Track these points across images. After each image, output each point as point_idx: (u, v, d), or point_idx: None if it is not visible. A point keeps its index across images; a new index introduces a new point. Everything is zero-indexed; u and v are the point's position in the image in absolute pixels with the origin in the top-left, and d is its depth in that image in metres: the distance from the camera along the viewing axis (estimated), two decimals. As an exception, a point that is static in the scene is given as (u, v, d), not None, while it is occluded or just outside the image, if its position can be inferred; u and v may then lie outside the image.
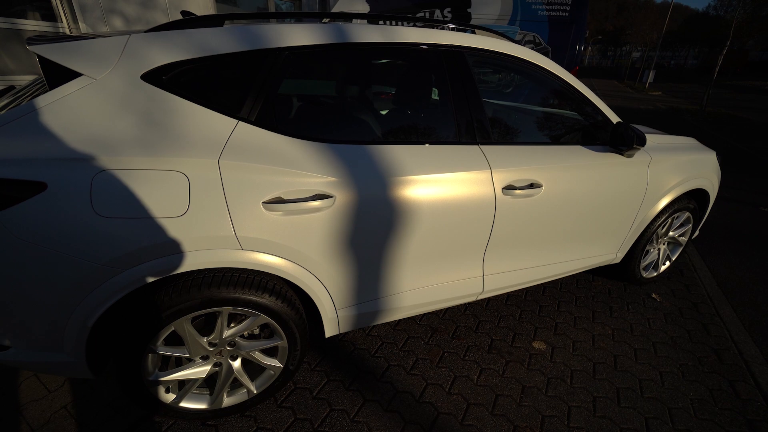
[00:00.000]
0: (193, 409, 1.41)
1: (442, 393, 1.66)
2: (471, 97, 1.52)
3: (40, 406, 1.51)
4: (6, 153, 0.98)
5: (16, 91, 1.35)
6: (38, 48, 1.09)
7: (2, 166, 0.97)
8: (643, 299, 2.40)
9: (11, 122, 1.01)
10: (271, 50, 1.25)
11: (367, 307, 1.52)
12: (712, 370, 1.85)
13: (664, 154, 2.07)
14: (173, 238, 1.09)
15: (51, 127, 1.03)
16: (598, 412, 1.61)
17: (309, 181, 1.23)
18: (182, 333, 1.25)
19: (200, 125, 1.14)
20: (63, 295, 1.06)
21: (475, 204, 1.50)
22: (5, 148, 0.99)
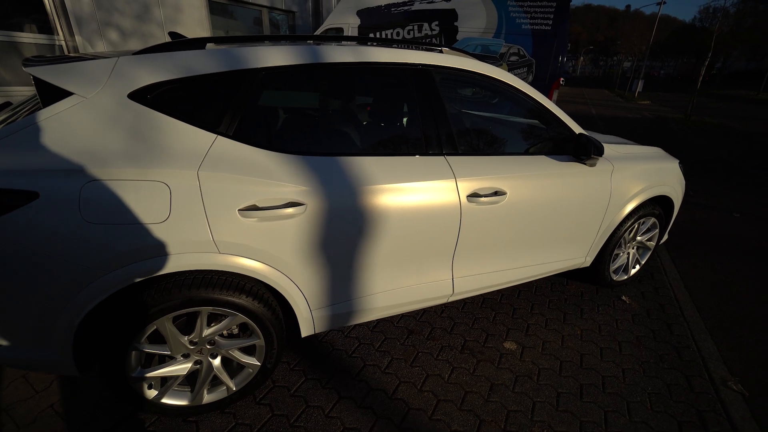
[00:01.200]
0: (174, 405, 1.49)
1: (414, 390, 1.75)
2: (437, 111, 1.64)
3: (27, 405, 1.58)
4: (3, 165, 1.08)
5: (13, 107, 1.45)
6: (33, 69, 1.20)
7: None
8: (613, 301, 2.51)
9: (7, 136, 1.11)
10: (248, 71, 1.36)
11: (341, 308, 1.62)
12: (671, 366, 1.96)
13: (626, 163, 2.20)
14: (155, 242, 1.19)
15: (44, 141, 1.13)
16: (560, 406, 1.70)
17: (282, 190, 1.34)
18: (164, 332, 1.34)
19: (182, 139, 1.25)
20: (52, 295, 1.15)
21: (441, 210, 1.61)
22: (2, 161, 1.09)
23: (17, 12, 5.03)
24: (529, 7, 5.48)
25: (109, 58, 1.26)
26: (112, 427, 1.50)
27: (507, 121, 2.25)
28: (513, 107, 2.14)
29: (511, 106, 2.13)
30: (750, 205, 4.62)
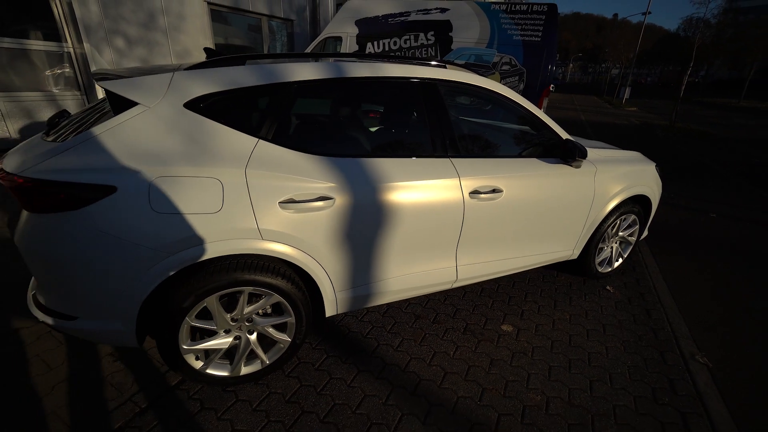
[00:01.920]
0: (216, 375, 1.69)
1: (423, 365, 1.97)
2: (443, 119, 1.89)
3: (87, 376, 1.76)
4: (86, 164, 1.29)
5: (76, 115, 1.66)
6: (105, 83, 1.42)
7: (84, 174, 1.28)
8: (598, 291, 2.77)
9: (88, 140, 1.33)
10: (283, 84, 1.59)
11: (361, 291, 1.84)
12: (648, 344, 2.22)
13: (608, 165, 2.47)
14: (211, 229, 1.40)
15: (118, 144, 1.35)
16: (552, 377, 1.94)
17: (314, 186, 1.57)
18: (212, 309, 1.55)
19: (230, 142, 1.47)
20: (124, 274, 1.36)
21: (447, 205, 1.85)
22: (86, 160, 1.30)
23: (27, 21, 5.19)
24: (519, 20, 5.81)
25: (166, 73, 1.48)
26: (162, 393, 1.70)
27: (503, 128, 2.50)
28: (508, 116, 2.39)
29: (507, 115, 2.39)
30: (726, 207, 4.96)
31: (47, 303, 1.45)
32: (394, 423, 1.64)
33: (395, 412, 1.69)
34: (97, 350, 1.93)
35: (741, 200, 5.31)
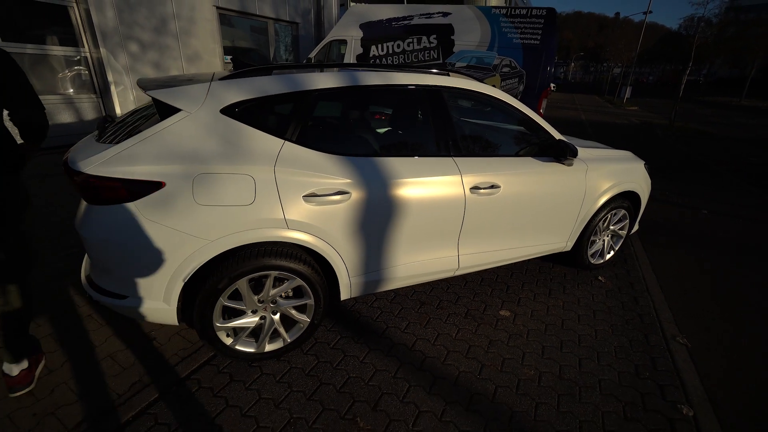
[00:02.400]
0: (244, 351, 1.90)
1: (428, 344, 2.18)
2: (446, 122, 2.10)
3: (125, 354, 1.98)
4: (139, 162, 1.51)
5: (121, 120, 1.87)
6: (152, 92, 1.63)
7: (137, 171, 1.49)
8: (591, 281, 2.97)
9: (140, 141, 1.54)
10: (305, 91, 1.80)
11: (372, 276, 2.05)
12: (634, 327, 2.42)
13: (599, 163, 2.67)
14: (245, 219, 1.61)
15: (165, 145, 1.56)
16: (545, 355, 2.15)
17: (332, 182, 1.77)
18: (242, 291, 1.76)
19: (260, 143, 1.68)
20: (169, 258, 1.57)
21: (450, 199, 2.06)
22: (138, 159, 1.51)
23: (47, 28, 5.42)
24: (519, 23, 6.00)
25: (204, 83, 1.69)
26: (197, 368, 1.91)
27: (501, 129, 2.70)
28: (505, 118, 2.59)
29: (504, 117, 2.59)
30: (718, 204, 5.15)
31: (101, 283, 1.66)
32: (403, 393, 1.84)
33: (403, 384, 1.90)
34: (135, 330, 2.14)
35: (733, 197, 5.49)
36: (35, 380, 1.75)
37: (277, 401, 1.76)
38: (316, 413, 1.71)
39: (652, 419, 1.78)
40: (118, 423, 1.60)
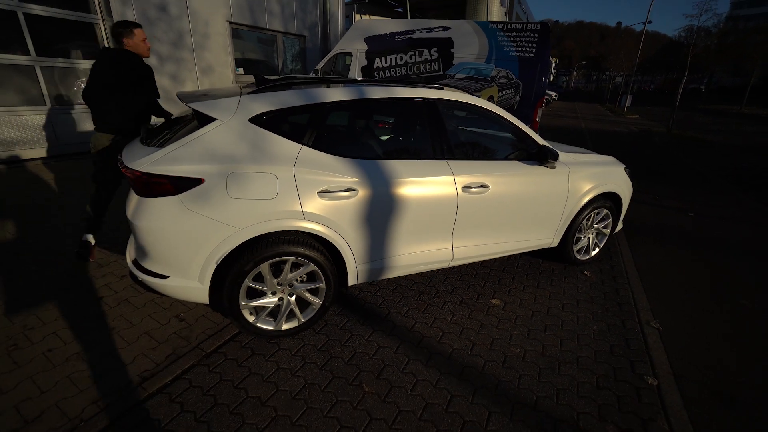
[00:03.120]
0: (263, 328, 2.18)
1: (426, 327, 2.45)
2: (440, 130, 2.39)
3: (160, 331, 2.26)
4: (182, 162, 1.81)
5: (161, 127, 2.18)
6: (192, 104, 1.94)
7: (181, 169, 1.79)
8: (577, 275, 3.23)
9: (183, 146, 1.84)
10: (320, 104, 2.11)
11: (376, 264, 2.33)
12: (613, 314, 2.67)
13: (580, 166, 2.95)
14: (269, 211, 1.91)
15: (203, 148, 1.86)
16: (530, 336, 2.41)
17: (342, 180, 2.07)
18: (264, 274, 2.05)
19: (282, 148, 1.98)
20: (206, 243, 1.86)
21: (444, 197, 2.34)
22: (182, 160, 1.81)
23: (76, 43, 5.83)
24: (515, 37, 6.33)
25: (235, 97, 2.00)
26: (223, 344, 2.19)
27: (490, 136, 2.98)
28: (494, 126, 2.88)
29: (493, 126, 2.87)
30: (704, 207, 5.39)
31: (146, 265, 1.96)
32: (403, 365, 2.11)
33: (403, 358, 2.16)
34: (166, 313, 2.43)
35: (720, 201, 5.73)
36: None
37: (293, 370, 2.04)
38: (328, 380, 1.98)
39: (621, 388, 2.03)
40: (160, 385, 1.88)
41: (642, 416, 1.86)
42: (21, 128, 5.38)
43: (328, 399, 1.86)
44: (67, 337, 2.16)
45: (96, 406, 1.74)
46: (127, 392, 1.82)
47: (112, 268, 2.91)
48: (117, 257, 3.06)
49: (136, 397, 1.80)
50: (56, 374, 1.91)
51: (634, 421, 1.83)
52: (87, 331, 2.22)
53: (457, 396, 1.92)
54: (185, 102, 1.99)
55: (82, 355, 2.04)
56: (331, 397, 1.87)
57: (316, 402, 1.84)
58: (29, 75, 5.39)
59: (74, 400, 1.76)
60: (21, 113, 5.35)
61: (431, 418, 1.79)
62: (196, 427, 1.68)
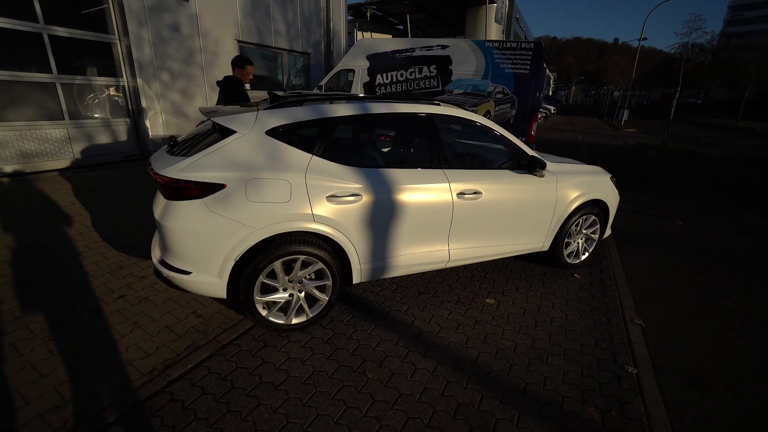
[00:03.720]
0: (275, 322, 2.38)
1: (424, 323, 2.64)
2: (436, 141, 2.63)
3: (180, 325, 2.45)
4: (207, 169, 2.04)
5: (186, 139, 2.43)
6: (216, 119, 2.19)
7: (205, 176, 2.03)
8: (567, 277, 3.42)
9: (207, 155, 2.08)
10: (328, 118, 2.35)
11: (378, 264, 2.54)
12: (599, 312, 2.86)
13: (568, 175, 3.18)
14: (282, 213, 2.13)
15: (225, 157, 2.10)
16: (521, 332, 2.59)
17: (348, 186, 2.29)
18: (277, 271, 2.26)
19: (295, 157, 2.22)
20: (226, 241, 2.08)
21: (441, 203, 2.57)
22: (206, 168, 2.05)
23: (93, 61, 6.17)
24: (510, 55, 6.67)
25: (253, 112, 2.25)
26: (237, 337, 2.38)
27: (483, 147, 3.22)
28: (487, 138, 3.12)
29: (486, 138, 3.11)
30: (693, 215, 5.60)
31: (171, 262, 2.17)
32: (403, 355, 2.30)
33: (403, 350, 2.35)
34: (184, 309, 2.63)
35: (710, 210, 5.94)
36: None
37: (302, 360, 2.23)
38: (334, 368, 2.17)
39: (603, 376, 2.21)
40: (182, 371, 2.07)
41: (621, 399, 2.04)
42: (41, 141, 5.67)
43: (334, 384, 2.05)
44: (94, 329, 2.36)
45: (126, 389, 1.93)
46: (152, 377, 2.01)
47: (131, 270, 3.12)
48: (136, 260, 3.28)
49: (161, 382, 1.99)
50: (89, 362, 2.10)
51: (614, 404, 2.01)
52: (112, 325, 2.42)
53: (453, 382, 2.11)
54: (209, 117, 2.24)
55: (110, 345, 2.23)
56: (337, 383, 2.06)
57: (324, 386, 2.03)
58: (50, 91, 5.71)
59: (106, 383, 1.96)
60: (41, 127, 5.65)
61: (428, 401, 1.97)
62: (216, 407, 1.86)
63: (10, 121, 5.38)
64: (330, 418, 1.84)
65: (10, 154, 5.42)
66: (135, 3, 6.16)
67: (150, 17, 6.39)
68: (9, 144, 5.38)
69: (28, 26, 5.32)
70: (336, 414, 1.86)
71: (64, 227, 3.87)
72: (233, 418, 1.81)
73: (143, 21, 6.33)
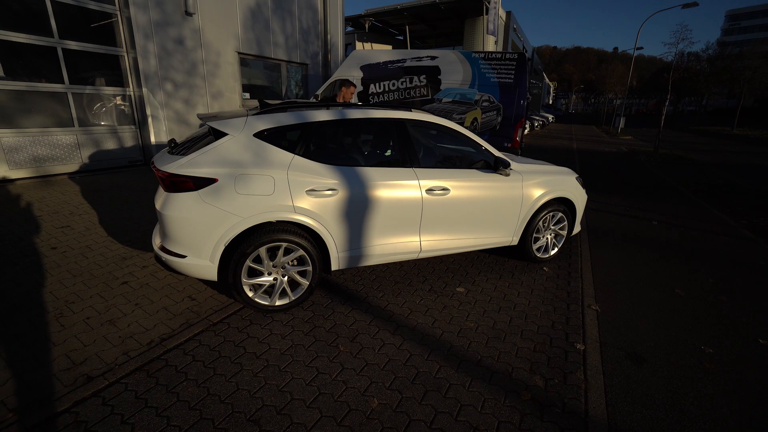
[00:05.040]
0: (260, 303, 2.65)
1: (397, 307, 2.91)
2: (407, 143, 2.93)
3: (176, 306, 2.74)
4: (201, 166, 2.35)
5: (184, 141, 2.75)
6: (210, 122, 2.50)
7: (200, 171, 2.33)
8: (537, 270, 3.69)
9: (202, 154, 2.39)
10: (308, 123, 2.66)
11: (355, 253, 2.82)
12: (561, 300, 3.12)
13: (533, 174, 3.46)
14: (267, 204, 2.43)
15: (217, 156, 2.41)
16: (485, 315, 2.86)
17: (325, 182, 2.59)
18: (262, 256, 2.55)
19: (279, 156, 2.52)
20: (217, 228, 2.38)
21: (411, 198, 2.86)
22: (201, 164, 2.36)
23: (102, 72, 6.57)
24: (495, 65, 7.01)
25: (243, 117, 2.56)
26: (226, 317, 2.66)
27: (453, 149, 3.52)
28: (457, 142, 3.42)
29: (456, 141, 3.41)
30: (670, 216, 5.85)
31: (169, 247, 2.47)
32: (374, 333, 2.57)
33: (375, 328, 2.62)
34: (179, 294, 2.92)
35: (687, 212, 6.19)
36: None
37: (283, 335, 2.50)
38: (311, 342, 2.44)
39: (553, 351, 2.47)
40: (176, 343, 2.35)
41: (565, 370, 2.30)
42: (52, 146, 6.04)
43: (309, 354, 2.32)
44: (101, 308, 2.65)
45: (126, 356, 2.21)
46: (150, 347, 2.29)
47: (134, 261, 3.42)
48: (138, 252, 3.58)
49: (158, 351, 2.27)
50: (94, 334, 2.39)
51: (558, 373, 2.27)
52: (116, 304, 2.71)
53: (415, 355, 2.37)
54: (205, 121, 2.56)
55: (114, 321, 2.52)
56: (312, 353, 2.33)
57: (300, 356, 2.30)
58: (62, 100, 6.09)
59: (109, 352, 2.24)
60: (53, 133, 6.02)
61: (392, 369, 2.24)
62: (204, 371, 2.14)
63: (25, 127, 5.75)
64: (303, 380, 2.11)
65: (24, 158, 5.78)
66: (142, 18, 6.57)
67: (156, 31, 6.80)
68: (23, 149, 5.75)
69: (44, 41, 5.72)
70: (309, 377, 2.13)
71: (73, 224, 4.18)
72: (219, 379, 2.09)
73: (149, 34, 6.73)
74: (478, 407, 1.98)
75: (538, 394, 2.09)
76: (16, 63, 5.57)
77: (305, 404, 1.95)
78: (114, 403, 1.90)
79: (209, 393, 1.99)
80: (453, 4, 19.86)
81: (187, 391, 1.99)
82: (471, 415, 1.93)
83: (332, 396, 2.01)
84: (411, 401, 2.00)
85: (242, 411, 1.89)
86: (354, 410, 1.93)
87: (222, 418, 1.84)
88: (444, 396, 2.05)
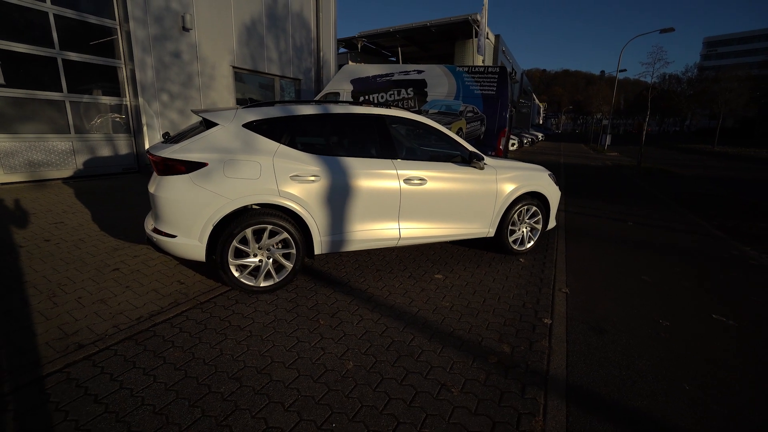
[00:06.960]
0: (246, 284, 2.79)
1: (377, 291, 3.05)
2: (387, 137, 3.16)
3: (173, 286, 2.86)
4: (193, 152, 2.54)
5: (178, 133, 2.94)
6: (202, 114, 2.71)
7: (191, 156, 2.52)
8: (513, 261, 3.87)
9: (194, 141, 2.59)
10: (294, 116, 2.88)
11: (336, 238, 2.99)
12: (534, 284, 3.29)
13: (507, 170, 3.69)
14: (253, 188, 2.61)
15: (208, 143, 2.60)
16: (460, 297, 3.01)
17: (309, 168, 2.79)
18: (248, 238, 2.70)
19: (266, 145, 2.73)
20: (206, 209, 2.54)
21: (390, 187, 3.06)
22: (193, 150, 2.55)
23: (100, 82, 6.81)
24: (478, 78, 7.40)
25: (233, 110, 2.78)
26: (221, 294, 2.79)
27: (432, 145, 3.76)
28: (433, 138, 3.65)
29: (432, 137, 3.65)
30: (645, 218, 6.11)
31: (160, 227, 2.62)
32: (354, 310, 2.71)
33: (355, 306, 2.77)
34: (169, 277, 3.05)
35: (662, 215, 6.46)
36: None
37: (267, 312, 2.63)
38: (293, 317, 2.58)
39: (522, 325, 2.62)
40: (165, 318, 2.47)
41: (531, 340, 2.45)
42: (47, 152, 6.20)
43: (291, 327, 2.46)
44: (92, 290, 2.77)
45: (116, 329, 2.33)
46: (139, 321, 2.42)
47: (126, 251, 3.55)
48: (130, 244, 3.70)
49: (147, 324, 2.39)
50: (85, 311, 2.51)
51: (524, 342, 2.42)
52: (108, 287, 2.83)
53: (391, 328, 2.52)
54: (198, 114, 2.77)
55: (105, 300, 2.64)
56: (293, 326, 2.47)
57: (282, 329, 2.43)
58: (59, 108, 6.29)
59: (100, 325, 2.36)
60: (49, 139, 6.19)
61: (368, 339, 2.38)
62: (190, 340, 2.26)
63: (22, 133, 5.92)
64: (284, 347, 2.24)
65: (20, 162, 5.92)
66: (141, 32, 6.88)
67: (154, 45, 7.11)
68: (19, 154, 5.90)
69: (45, 51, 5.97)
70: (289, 345, 2.26)
71: (67, 220, 4.31)
72: (204, 346, 2.21)
73: (147, 48, 7.03)
74: (447, 368, 2.13)
75: (504, 359, 2.24)
76: (16, 71, 5.79)
77: (285, 365, 2.08)
78: (104, 365, 2.01)
79: (194, 357, 2.11)
80: (443, 27, 20.76)
81: (173, 356, 2.11)
82: (440, 375, 2.07)
83: (310, 359, 2.14)
84: (384, 363, 2.14)
85: (225, 371, 2.01)
86: (330, 370, 2.06)
87: (206, 376, 1.96)
88: (416, 360, 2.19)
